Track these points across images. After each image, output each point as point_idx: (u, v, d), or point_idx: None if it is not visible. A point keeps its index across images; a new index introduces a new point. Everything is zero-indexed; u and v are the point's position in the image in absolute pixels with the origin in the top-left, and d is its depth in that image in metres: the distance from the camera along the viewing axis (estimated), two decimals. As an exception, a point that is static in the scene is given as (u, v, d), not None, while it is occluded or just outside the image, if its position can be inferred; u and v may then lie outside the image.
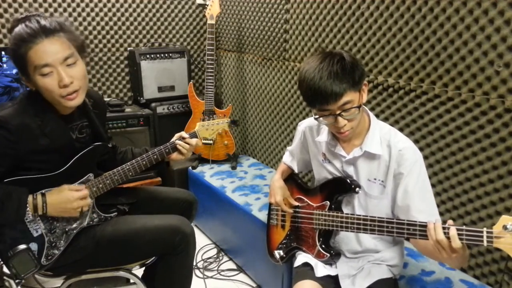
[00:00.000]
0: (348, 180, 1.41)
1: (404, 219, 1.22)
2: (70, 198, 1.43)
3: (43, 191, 1.42)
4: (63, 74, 1.33)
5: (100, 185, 1.52)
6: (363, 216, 1.31)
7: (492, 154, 1.60)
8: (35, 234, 1.42)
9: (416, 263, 1.76)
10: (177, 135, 1.65)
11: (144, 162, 1.57)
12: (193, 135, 1.65)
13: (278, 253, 1.65)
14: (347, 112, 1.27)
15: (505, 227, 1.02)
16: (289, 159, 1.74)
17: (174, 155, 1.64)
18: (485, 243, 1.05)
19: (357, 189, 1.39)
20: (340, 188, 1.44)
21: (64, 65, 1.34)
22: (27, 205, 1.36)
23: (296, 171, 1.72)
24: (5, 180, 1.37)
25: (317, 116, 1.33)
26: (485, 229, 1.05)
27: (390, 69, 1.93)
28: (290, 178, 1.69)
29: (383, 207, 1.40)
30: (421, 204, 1.32)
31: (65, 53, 1.34)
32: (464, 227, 1.09)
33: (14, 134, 1.32)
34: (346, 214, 1.38)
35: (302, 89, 1.32)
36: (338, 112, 1.27)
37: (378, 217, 1.27)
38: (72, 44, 1.38)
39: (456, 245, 1.08)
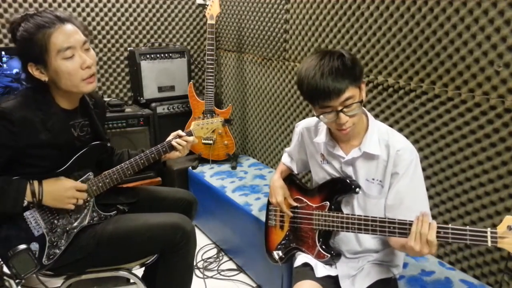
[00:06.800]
0: (348, 180, 1.41)
1: (407, 220, 1.21)
2: (66, 185, 1.44)
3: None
4: (85, 55, 1.40)
5: (100, 184, 1.53)
6: (364, 216, 1.30)
7: (492, 154, 1.60)
8: (36, 234, 1.43)
9: (416, 263, 1.76)
10: (173, 134, 1.69)
11: (142, 161, 1.59)
12: (189, 134, 1.68)
13: (277, 254, 1.65)
14: (349, 108, 1.28)
15: (509, 228, 1.02)
16: (288, 160, 1.74)
17: (170, 154, 1.67)
18: (489, 243, 1.05)
19: (357, 189, 1.39)
20: (340, 189, 1.43)
21: (83, 49, 1.41)
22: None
23: (295, 172, 1.72)
24: None
25: (318, 114, 1.33)
26: (489, 229, 1.05)
27: (390, 69, 1.92)
28: (289, 179, 1.69)
29: (381, 207, 1.40)
30: (413, 204, 1.32)
31: (82, 37, 1.41)
32: (467, 228, 1.08)
33: (16, 126, 1.33)
34: (346, 214, 1.37)
35: (302, 88, 1.33)
36: (340, 108, 1.27)
37: (379, 218, 1.26)
38: (82, 32, 1.43)
39: (431, 237, 1.13)
